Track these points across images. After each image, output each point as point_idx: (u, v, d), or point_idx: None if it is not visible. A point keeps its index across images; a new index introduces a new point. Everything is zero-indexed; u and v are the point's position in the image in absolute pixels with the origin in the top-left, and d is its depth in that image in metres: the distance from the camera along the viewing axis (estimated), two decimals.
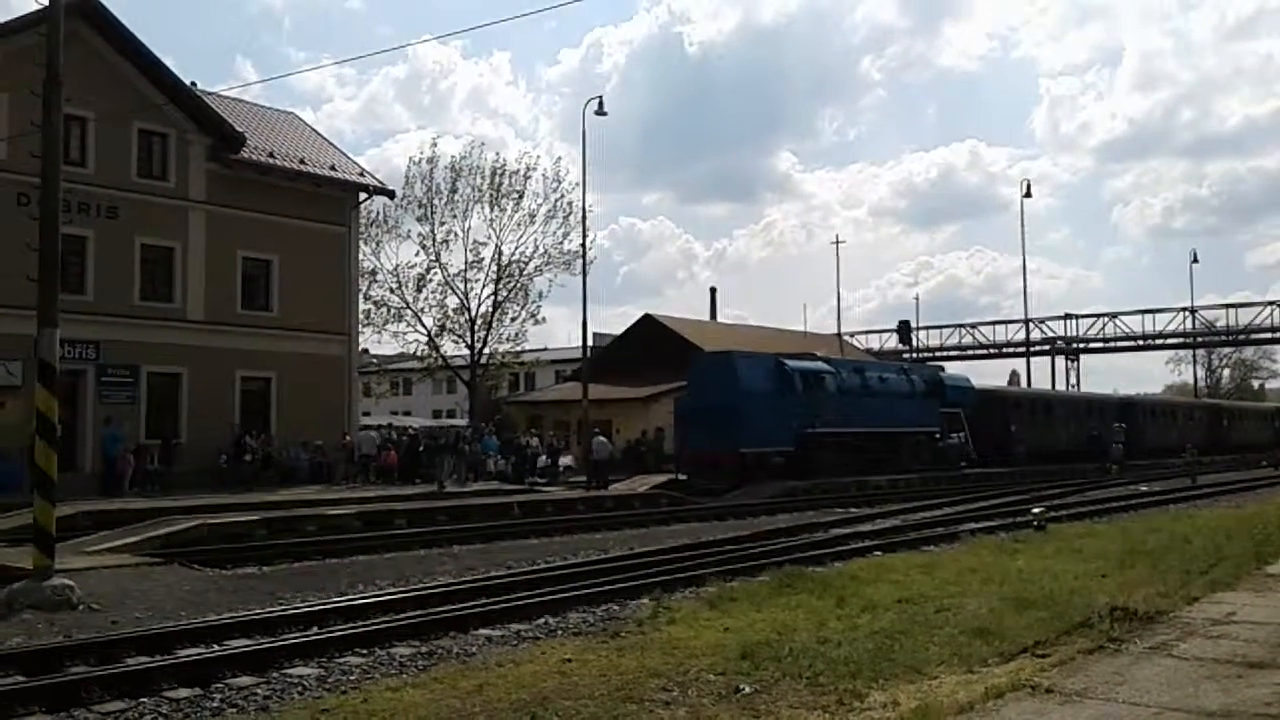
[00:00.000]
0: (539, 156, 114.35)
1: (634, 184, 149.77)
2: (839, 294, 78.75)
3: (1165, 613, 8.87)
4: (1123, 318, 68.31)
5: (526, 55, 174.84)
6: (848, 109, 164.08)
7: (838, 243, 61.61)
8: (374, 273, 43.56)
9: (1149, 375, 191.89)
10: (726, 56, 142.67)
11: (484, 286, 45.04)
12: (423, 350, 46.59)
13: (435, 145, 45.50)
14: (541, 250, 44.97)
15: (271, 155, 31.90)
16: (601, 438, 32.34)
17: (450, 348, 46.65)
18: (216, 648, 9.06)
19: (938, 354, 69.48)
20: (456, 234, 44.66)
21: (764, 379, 31.28)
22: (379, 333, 45.31)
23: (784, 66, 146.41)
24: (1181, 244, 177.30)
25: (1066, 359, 69.93)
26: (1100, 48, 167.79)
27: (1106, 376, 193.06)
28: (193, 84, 31.91)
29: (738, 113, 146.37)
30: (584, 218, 37.97)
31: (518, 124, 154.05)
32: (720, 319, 64.90)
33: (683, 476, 31.01)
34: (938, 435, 37.66)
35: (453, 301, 45.27)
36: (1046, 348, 68.54)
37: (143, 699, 7.48)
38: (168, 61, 30.50)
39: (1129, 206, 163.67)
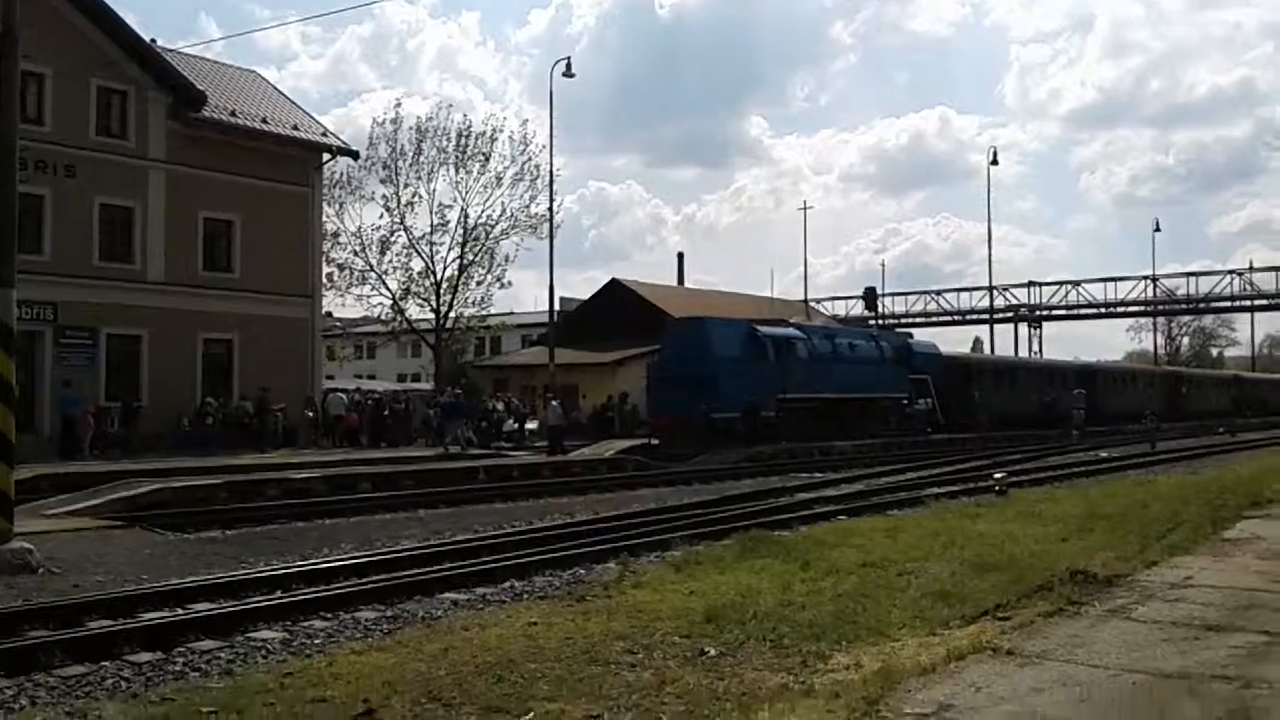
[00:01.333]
0: (505, 118, 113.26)
1: (603, 147, 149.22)
2: (805, 260, 78.94)
3: (1124, 576, 8.98)
4: (1085, 285, 69.22)
5: (495, 15, 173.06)
6: (819, 74, 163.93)
7: (805, 209, 61.90)
8: (336, 235, 43.10)
9: (1110, 343, 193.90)
10: (698, 19, 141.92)
11: (450, 250, 44.72)
12: (387, 314, 46.25)
13: (399, 106, 44.64)
14: (508, 214, 44.66)
15: (233, 114, 31.39)
16: (555, 404, 32.30)
17: (415, 311, 46.34)
18: (179, 611, 8.98)
19: (903, 320, 69.98)
20: (421, 196, 44.25)
21: (737, 345, 31.51)
22: (342, 295, 44.95)
23: (755, 30, 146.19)
24: (1147, 212, 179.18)
25: (1029, 326, 70.68)
26: (1071, 14, 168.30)
27: (1069, 344, 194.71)
28: (153, 41, 31.34)
29: (708, 76, 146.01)
30: (551, 181, 37.78)
31: (486, 86, 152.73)
32: (688, 284, 64.97)
33: (655, 441, 31.14)
34: (905, 401, 38.01)
35: (417, 264, 44.95)
36: (1010, 315, 69.18)
37: (104, 663, 7.40)
38: (129, 18, 29.91)
39: (1095, 175, 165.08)
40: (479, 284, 45.45)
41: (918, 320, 70.72)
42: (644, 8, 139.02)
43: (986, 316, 67.45)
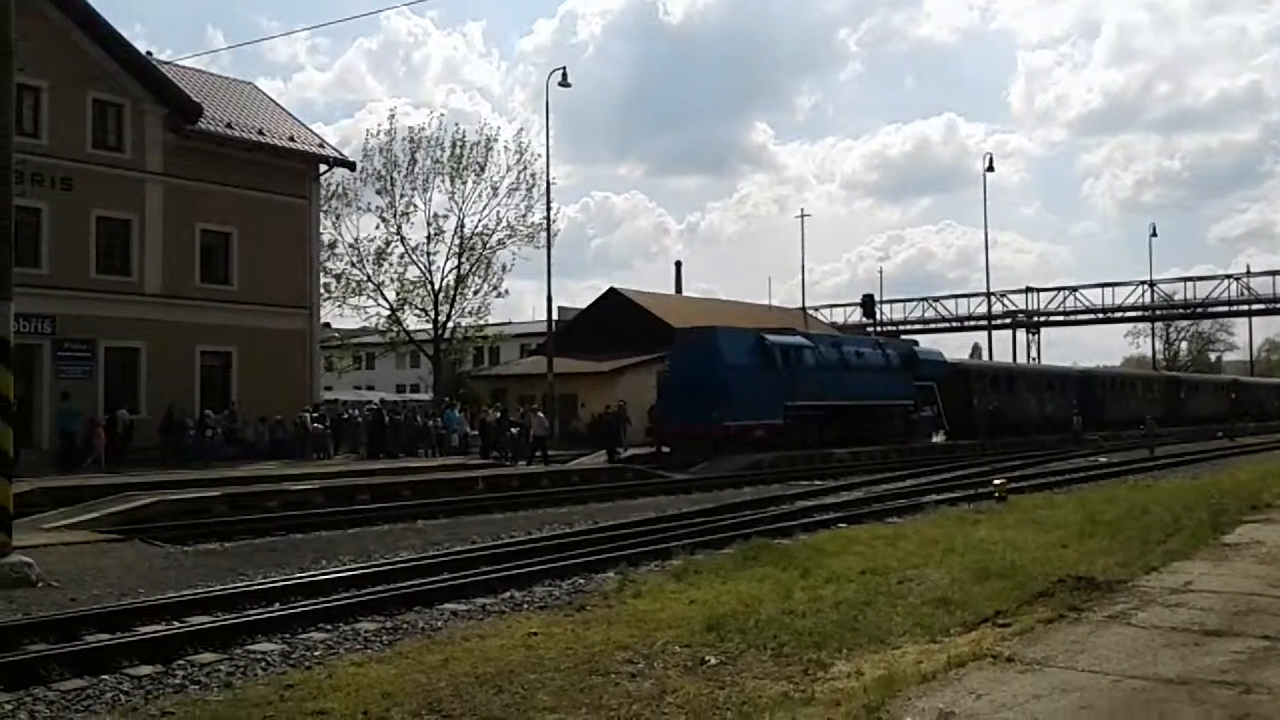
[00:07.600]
0: (499, 128, 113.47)
1: (608, 156, 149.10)
2: (803, 267, 79.27)
3: (1124, 582, 8.97)
4: (1083, 291, 69.12)
5: (500, 25, 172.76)
6: (825, 81, 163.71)
7: (802, 216, 62.10)
8: (333, 245, 43.16)
9: (1109, 348, 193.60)
10: (703, 27, 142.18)
11: (446, 259, 44.80)
12: (384, 324, 46.27)
13: (393, 118, 44.69)
14: (505, 223, 44.74)
15: (230, 126, 31.41)
16: (540, 414, 32.30)
17: (413, 321, 46.38)
18: (178, 624, 8.96)
19: (901, 327, 69.93)
20: (417, 206, 44.35)
21: (747, 354, 31.72)
22: (340, 306, 45.01)
23: (761, 37, 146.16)
24: (1151, 218, 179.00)
25: (1028, 332, 70.65)
26: (1078, 20, 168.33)
27: (1068, 349, 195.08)
28: (148, 53, 31.41)
29: (714, 84, 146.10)
30: (548, 190, 37.88)
31: (492, 95, 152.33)
32: (690, 292, 65.08)
33: (666, 449, 31.25)
34: (911, 407, 38.13)
35: (414, 274, 45.02)
36: (1008, 321, 69.19)
37: (103, 676, 7.38)
38: (136, 31, 30.10)
39: (1100, 180, 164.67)
40: (476, 293, 45.59)
41: (915, 327, 70.67)
42: (649, 16, 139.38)
43: (985, 323, 67.43)
